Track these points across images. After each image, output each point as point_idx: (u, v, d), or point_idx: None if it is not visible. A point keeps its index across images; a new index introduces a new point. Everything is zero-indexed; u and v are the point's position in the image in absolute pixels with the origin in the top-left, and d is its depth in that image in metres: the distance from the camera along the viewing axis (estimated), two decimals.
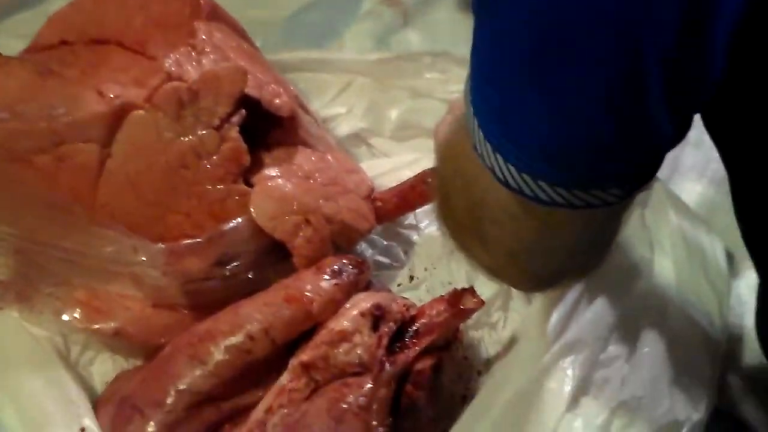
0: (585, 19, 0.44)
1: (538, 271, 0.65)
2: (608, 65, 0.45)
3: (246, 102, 0.78)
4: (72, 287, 0.81)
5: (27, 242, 0.80)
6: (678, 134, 0.51)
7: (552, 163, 0.51)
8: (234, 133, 0.77)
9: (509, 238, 0.60)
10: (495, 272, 0.67)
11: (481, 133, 0.53)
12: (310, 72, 1.06)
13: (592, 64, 0.45)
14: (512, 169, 0.52)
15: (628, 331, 0.77)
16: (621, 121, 0.48)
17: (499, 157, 0.52)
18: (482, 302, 0.76)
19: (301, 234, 0.79)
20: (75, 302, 0.80)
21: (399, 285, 0.91)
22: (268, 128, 0.84)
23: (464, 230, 0.65)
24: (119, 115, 0.77)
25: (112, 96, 0.82)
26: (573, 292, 0.78)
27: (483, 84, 0.53)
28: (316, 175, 0.83)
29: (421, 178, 0.89)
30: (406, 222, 0.95)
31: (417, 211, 0.95)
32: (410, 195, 0.89)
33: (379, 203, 0.88)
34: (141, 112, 0.77)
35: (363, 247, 0.93)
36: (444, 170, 0.67)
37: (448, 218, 0.66)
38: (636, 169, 0.53)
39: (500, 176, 0.53)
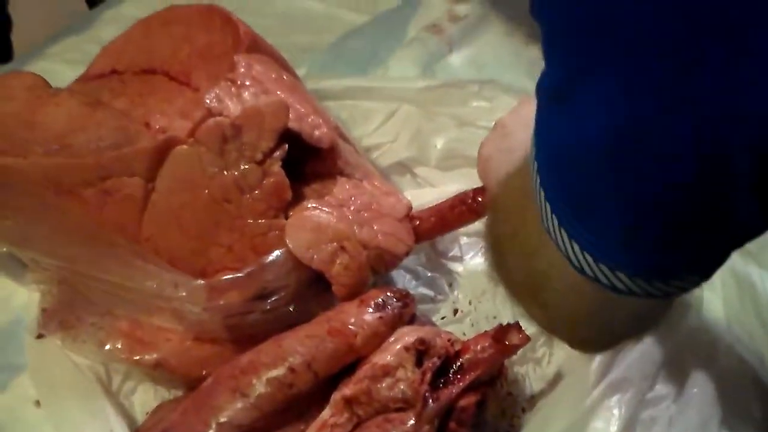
0: (658, 117, 0.42)
1: (596, 337, 0.64)
2: (689, 157, 0.43)
3: (286, 134, 0.78)
4: (115, 318, 0.81)
5: (71, 273, 0.81)
6: None
7: (632, 255, 0.50)
8: (276, 167, 0.77)
9: (572, 309, 0.59)
10: (550, 330, 0.66)
11: (555, 219, 0.52)
12: (354, 100, 1.06)
13: (667, 160, 0.44)
14: (589, 258, 0.51)
15: (676, 370, 0.76)
16: (702, 213, 0.46)
17: (575, 244, 0.51)
18: (528, 338, 0.75)
19: (338, 262, 0.79)
20: (118, 333, 0.81)
21: (443, 318, 0.90)
22: (306, 158, 0.84)
23: (521, 290, 0.65)
24: (164, 149, 0.77)
25: (158, 128, 0.83)
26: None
27: (555, 173, 0.51)
28: (351, 202, 0.83)
29: (461, 199, 0.88)
30: (450, 254, 0.95)
31: (462, 242, 0.95)
32: (449, 214, 0.88)
33: (417, 222, 0.87)
34: (185, 147, 0.77)
35: (406, 279, 0.93)
36: (498, 229, 0.66)
37: (503, 273, 0.65)
38: (720, 257, 0.52)
39: (575, 263, 0.52)
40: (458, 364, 0.75)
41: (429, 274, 0.94)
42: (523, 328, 0.76)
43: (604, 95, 0.44)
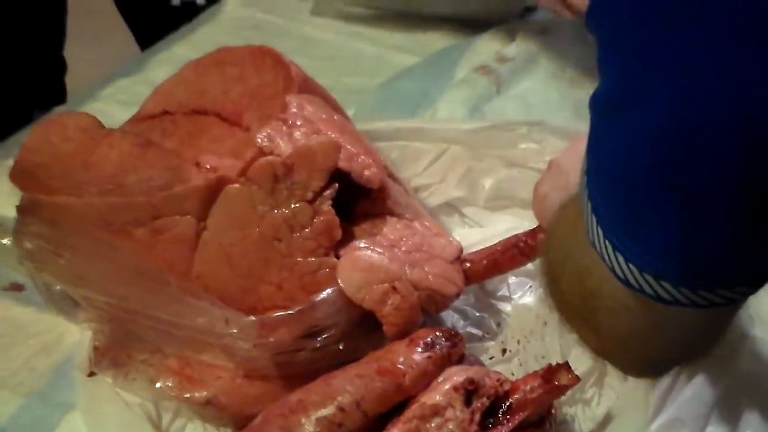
0: (709, 121, 0.43)
1: (649, 360, 0.64)
2: (734, 167, 0.43)
3: (336, 174, 0.79)
4: (165, 355, 0.82)
5: (122, 311, 0.82)
6: None
7: (677, 265, 0.50)
8: (327, 206, 0.77)
9: (623, 329, 0.59)
10: (603, 355, 0.66)
11: (600, 231, 0.52)
12: (403, 141, 1.06)
13: (718, 166, 0.44)
14: (633, 268, 0.51)
15: (729, 410, 0.74)
16: (751, 222, 0.46)
17: (619, 256, 0.51)
18: (577, 378, 0.74)
19: (389, 302, 0.79)
20: (168, 370, 0.81)
21: (491, 358, 0.90)
22: (356, 198, 0.84)
23: (574, 314, 0.65)
24: (215, 188, 0.78)
25: (209, 167, 0.84)
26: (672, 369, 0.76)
27: (604, 183, 0.52)
28: (402, 242, 0.83)
29: (512, 242, 0.88)
30: (499, 293, 0.94)
31: (510, 281, 0.94)
32: (500, 258, 0.88)
33: (467, 264, 0.87)
34: (236, 185, 0.78)
35: (455, 318, 0.92)
36: (553, 254, 0.66)
37: (557, 298, 0.66)
38: (767, 268, 0.51)
39: (620, 275, 0.52)
40: (507, 404, 0.74)
41: (477, 314, 0.93)
42: (572, 368, 0.75)
43: (656, 101, 0.45)
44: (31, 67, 1.54)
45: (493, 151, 1.05)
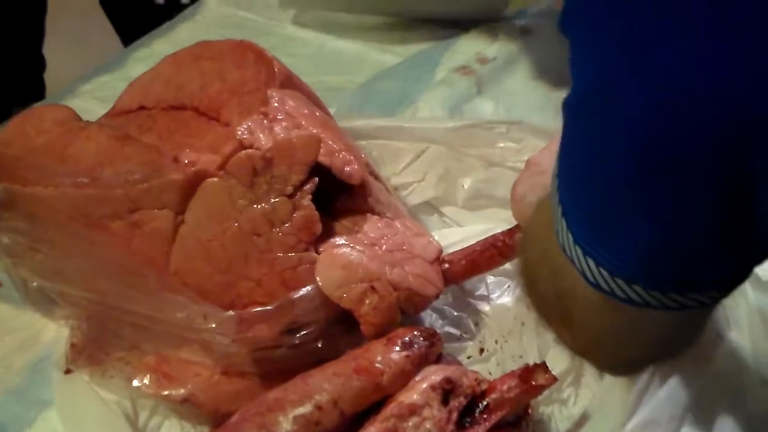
0: (685, 127, 0.42)
1: (623, 358, 0.64)
2: (711, 173, 0.43)
3: (317, 169, 0.78)
4: (142, 353, 0.81)
5: (100, 306, 0.81)
6: None
7: (648, 269, 0.50)
8: (306, 201, 0.77)
9: (597, 330, 0.60)
10: (579, 353, 0.66)
11: (570, 236, 0.52)
12: (384, 140, 1.06)
13: (695, 172, 0.44)
14: (604, 273, 0.51)
15: (703, 412, 0.75)
16: (726, 229, 0.46)
17: (590, 260, 0.51)
18: (555, 378, 0.74)
19: (367, 302, 0.78)
20: (145, 368, 0.80)
21: (469, 357, 0.89)
22: (336, 195, 0.84)
23: (551, 313, 0.65)
24: (193, 182, 0.78)
25: (187, 162, 0.84)
26: (646, 370, 0.76)
27: (575, 188, 0.52)
28: (382, 241, 0.83)
29: (491, 242, 0.88)
30: (477, 293, 0.94)
31: (489, 281, 0.94)
32: (479, 258, 0.88)
33: (446, 265, 0.87)
34: (215, 179, 0.77)
35: (433, 317, 0.92)
36: (530, 254, 0.66)
37: (534, 297, 0.66)
38: (738, 272, 0.51)
39: (591, 279, 0.52)
40: (484, 403, 0.74)
41: (455, 313, 0.93)
42: (549, 368, 0.75)
43: (630, 108, 0.44)
44: (10, 63, 1.53)
45: (472, 150, 1.05)
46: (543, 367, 0.75)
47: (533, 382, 0.74)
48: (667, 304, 0.51)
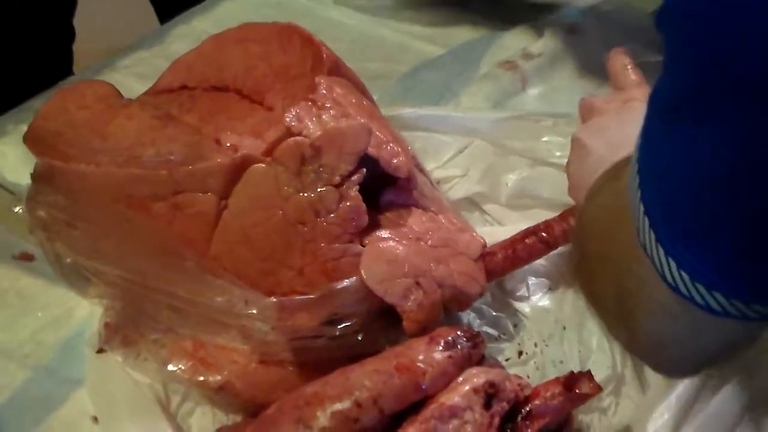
0: None
1: (685, 360, 0.62)
2: None
3: (364, 160, 0.77)
4: (179, 336, 0.80)
5: (137, 286, 0.79)
6: None
7: (734, 279, 0.48)
8: (354, 192, 0.75)
9: (662, 332, 0.58)
10: (635, 352, 0.65)
11: (652, 234, 0.50)
12: (427, 131, 1.04)
13: None
14: (685, 276, 0.49)
15: (754, 425, 0.73)
16: None
17: (672, 261, 0.49)
18: (599, 388, 0.72)
19: (411, 298, 0.77)
20: (181, 352, 0.79)
21: (507, 360, 0.87)
22: (382, 187, 0.82)
23: (610, 313, 0.63)
24: (239, 167, 0.76)
25: (229, 145, 0.82)
26: (693, 382, 0.74)
27: (661, 189, 0.50)
28: (428, 236, 0.81)
29: (532, 231, 0.86)
30: (518, 293, 0.92)
31: (530, 282, 0.92)
32: (520, 247, 0.86)
33: (487, 257, 0.85)
34: (262, 165, 0.76)
35: (471, 317, 0.90)
36: (589, 248, 0.64)
37: (589, 290, 0.64)
38: None
39: (670, 281, 0.50)
40: (527, 409, 0.72)
41: (494, 314, 0.91)
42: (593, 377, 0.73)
43: (736, 122, 0.42)
44: (40, 33, 1.52)
45: (516, 142, 1.03)
46: (588, 375, 0.73)
47: (577, 391, 0.72)
48: (747, 314, 0.49)
